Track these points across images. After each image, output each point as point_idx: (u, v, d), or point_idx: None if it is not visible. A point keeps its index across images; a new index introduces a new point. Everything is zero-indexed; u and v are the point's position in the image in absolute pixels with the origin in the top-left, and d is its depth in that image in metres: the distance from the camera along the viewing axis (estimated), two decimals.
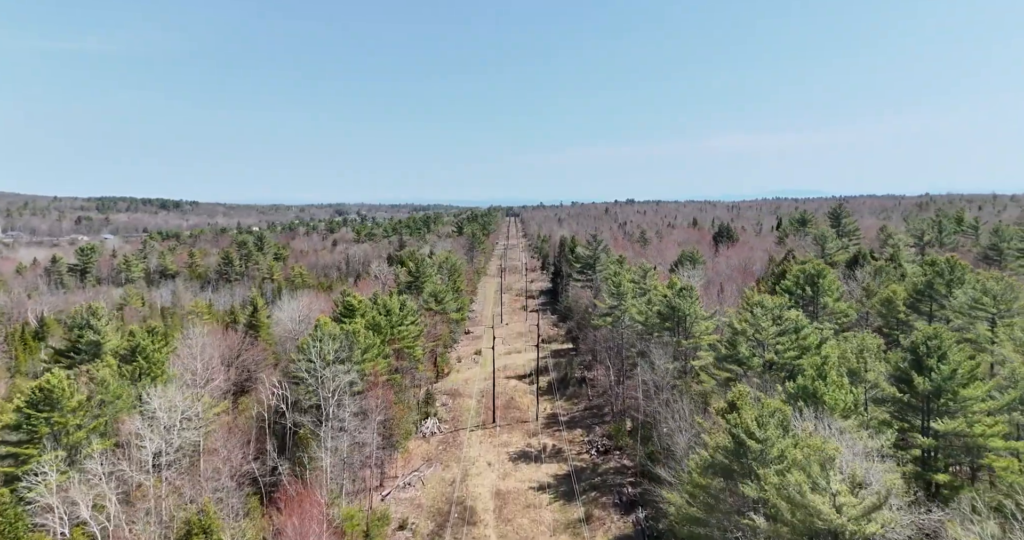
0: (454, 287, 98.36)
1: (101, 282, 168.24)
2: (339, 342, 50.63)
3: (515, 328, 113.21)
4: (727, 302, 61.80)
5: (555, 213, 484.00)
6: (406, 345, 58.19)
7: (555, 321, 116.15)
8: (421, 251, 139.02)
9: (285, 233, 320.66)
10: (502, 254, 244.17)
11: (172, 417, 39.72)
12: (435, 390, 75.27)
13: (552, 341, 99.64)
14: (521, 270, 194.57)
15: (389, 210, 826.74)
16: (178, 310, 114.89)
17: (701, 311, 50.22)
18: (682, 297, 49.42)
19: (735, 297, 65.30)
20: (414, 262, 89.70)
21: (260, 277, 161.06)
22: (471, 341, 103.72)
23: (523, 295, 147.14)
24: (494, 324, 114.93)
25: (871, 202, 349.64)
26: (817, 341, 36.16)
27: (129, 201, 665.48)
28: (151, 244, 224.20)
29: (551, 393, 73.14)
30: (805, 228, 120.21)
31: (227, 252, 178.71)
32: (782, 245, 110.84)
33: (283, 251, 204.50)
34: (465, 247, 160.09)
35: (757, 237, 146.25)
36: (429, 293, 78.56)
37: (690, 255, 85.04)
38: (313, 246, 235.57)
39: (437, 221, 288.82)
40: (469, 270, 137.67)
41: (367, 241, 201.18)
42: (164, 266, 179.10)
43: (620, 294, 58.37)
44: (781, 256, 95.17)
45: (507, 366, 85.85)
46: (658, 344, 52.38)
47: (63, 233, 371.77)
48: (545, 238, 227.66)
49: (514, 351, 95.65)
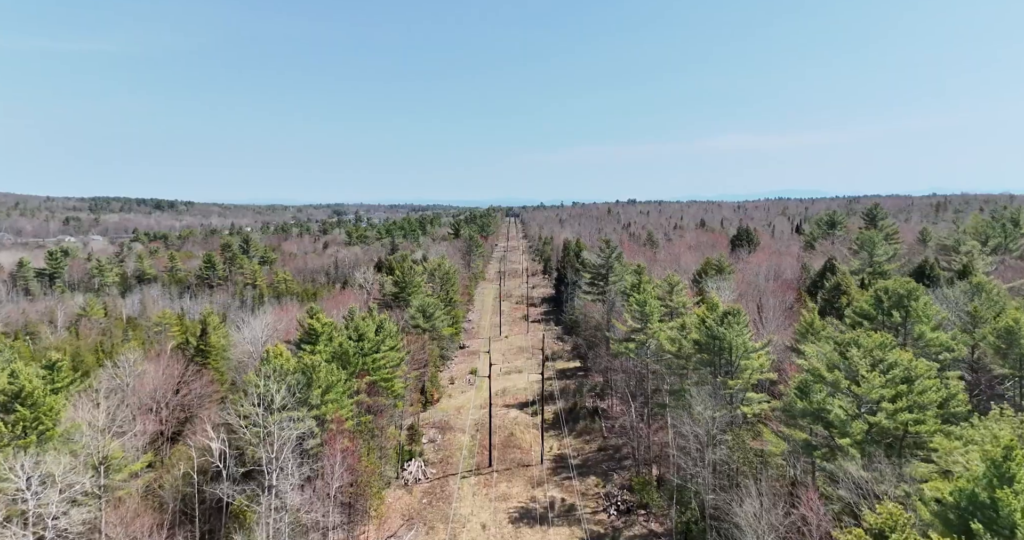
0: (447, 298, 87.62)
1: (74, 288, 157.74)
2: (294, 379, 40.02)
3: (515, 341, 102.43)
4: (771, 324, 51.09)
5: (556, 214, 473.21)
6: (382, 378, 47.47)
7: (559, 333, 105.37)
8: (414, 256, 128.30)
9: (277, 235, 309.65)
10: (502, 256, 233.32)
11: (48, 497, 29.05)
12: (421, 423, 64.48)
13: (557, 358, 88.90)
14: (522, 274, 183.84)
15: (388, 210, 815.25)
16: (143, 321, 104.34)
17: (750, 342, 39.47)
18: (727, 324, 38.69)
19: (779, 316, 54.55)
20: (401, 271, 78.96)
21: (242, 283, 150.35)
22: (466, 357, 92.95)
23: (524, 302, 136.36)
24: (491, 345, 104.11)
25: (883, 202, 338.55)
26: (941, 396, 25.61)
27: (123, 201, 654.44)
28: (131, 246, 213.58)
29: (558, 427, 62.32)
30: (834, 231, 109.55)
31: (210, 255, 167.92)
32: (811, 250, 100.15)
33: (271, 254, 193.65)
34: (462, 250, 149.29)
35: (778, 240, 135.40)
36: (417, 308, 67.82)
37: (716, 263, 74.13)
38: (304, 248, 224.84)
39: (434, 222, 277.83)
40: (465, 276, 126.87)
41: (359, 244, 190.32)
42: (142, 270, 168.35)
43: (645, 315, 47.64)
44: (814, 263, 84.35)
45: (506, 390, 75.08)
46: (695, 381, 41.63)
47: (50, 234, 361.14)
48: (547, 240, 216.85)
49: (514, 370, 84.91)
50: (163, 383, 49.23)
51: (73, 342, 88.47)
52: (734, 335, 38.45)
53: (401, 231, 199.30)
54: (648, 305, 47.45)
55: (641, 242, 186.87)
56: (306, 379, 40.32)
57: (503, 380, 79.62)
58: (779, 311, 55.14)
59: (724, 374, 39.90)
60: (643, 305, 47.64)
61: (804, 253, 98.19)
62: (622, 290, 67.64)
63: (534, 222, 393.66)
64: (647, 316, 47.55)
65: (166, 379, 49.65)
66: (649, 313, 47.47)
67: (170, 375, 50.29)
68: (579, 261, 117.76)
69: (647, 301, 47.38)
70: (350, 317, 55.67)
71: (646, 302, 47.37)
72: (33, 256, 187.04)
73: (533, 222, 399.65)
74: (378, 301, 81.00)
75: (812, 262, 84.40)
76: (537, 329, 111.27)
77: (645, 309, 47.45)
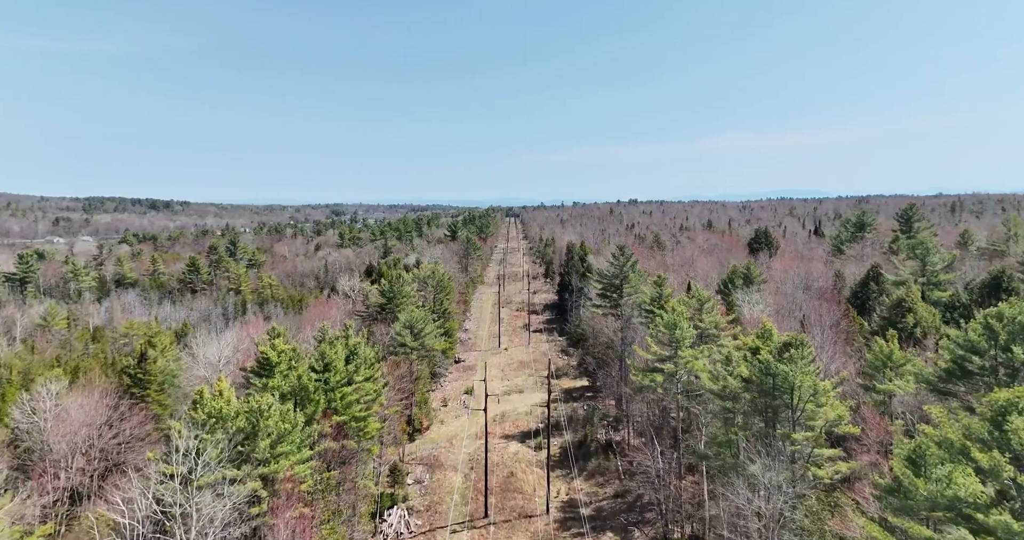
0: (440, 309, 78.85)
1: (50, 294, 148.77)
2: (236, 426, 31.39)
3: (516, 355, 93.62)
4: (824, 352, 42.28)
5: (557, 214, 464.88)
6: (353, 417, 38.73)
7: (564, 346, 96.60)
8: (406, 260, 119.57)
9: (271, 235, 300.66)
10: (501, 259, 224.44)
11: None
12: (407, 457, 55.72)
13: (562, 374, 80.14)
14: (522, 277, 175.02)
15: (387, 210, 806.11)
16: (108, 332, 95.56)
17: (820, 381, 30.72)
18: (789, 359, 29.98)
19: (829, 338, 45.76)
20: (389, 279, 70.24)
21: (225, 288, 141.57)
22: (461, 373, 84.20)
23: (525, 309, 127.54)
24: (490, 359, 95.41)
25: (892, 202, 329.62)
26: None
27: (117, 201, 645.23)
28: (113, 248, 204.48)
29: (565, 464, 53.48)
30: (864, 233, 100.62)
31: (193, 258, 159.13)
32: (840, 255, 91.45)
33: (260, 257, 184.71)
34: (459, 254, 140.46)
35: (794, 242, 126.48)
36: (403, 324, 59.04)
37: (744, 271, 65.19)
38: (296, 250, 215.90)
39: (431, 223, 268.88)
40: (461, 282, 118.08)
41: (352, 246, 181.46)
42: (122, 274, 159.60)
43: (674, 340, 38.86)
44: (848, 271, 75.52)
45: (506, 415, 66.32)
46: (744, 426, 32.93)
47: (39, 235, 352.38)
48: (548, 242, 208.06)
49: (515, 389, 76.19)
50: (90, 420, 40.46)
51: (25, 357, 79.63)
52: (798, 373, 29.69)
53: (396, 232, 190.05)
54: (679, 328, 38.68)
55: (647, 244, 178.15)
56: (251, 427, 31.63)
57: (502, 402, 70.94)
58: (829, 332, 46.35)
59: (785, 422, 31.13)
60: (672, 328, 38.87)
61: (833, 258, 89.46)
62: (639, 303, 58.90)
63: (534, 223, 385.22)
64: (677, 341, 38.78)
65: (94, 414, 40.87)
66: (679, 338, 38.69)
67: (101, 410, 41.51)
68: (584, 266, 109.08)
69: (677, 323, 38.61)
70: (321, 338, 46.99)
71: (676, 324, 38.60)
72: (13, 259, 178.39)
73: (533, 223, 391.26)
74: (362, 314, 72.25)
75: (843, 269, 75.68)
76: (539, 340, 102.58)
77: (675, 333, 38.69)
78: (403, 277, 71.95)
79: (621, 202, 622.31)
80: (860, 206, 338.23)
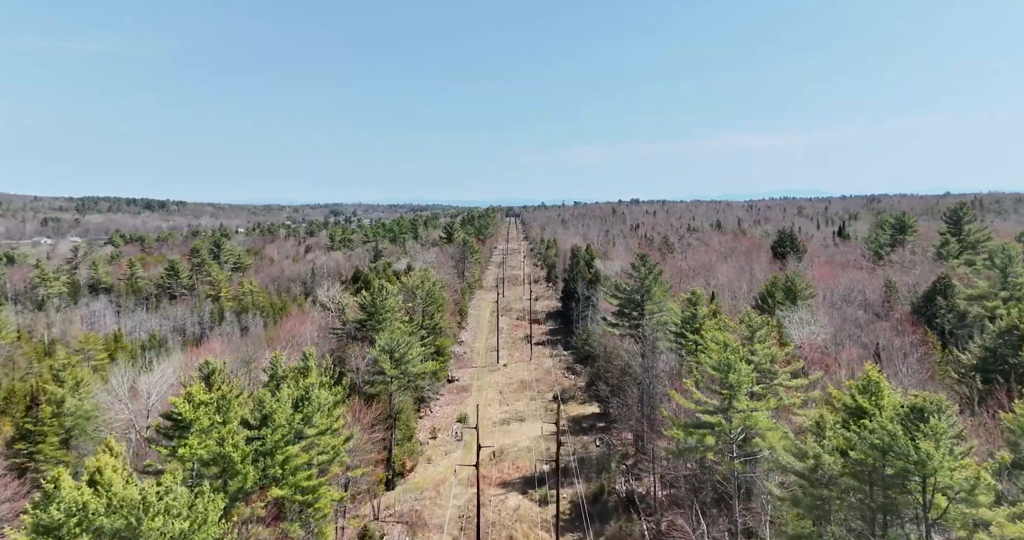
0: (431, 325, 69.04)
1: (18, 301, 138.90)
2: (112, 525, 21.71)
3: (516, 373, 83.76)
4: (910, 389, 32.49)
5: (558, 214, 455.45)
6: (298, 488, 28.91)
7: (570, 362, 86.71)
8: (397, 265, 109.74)
9: (264, 236, 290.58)
10: (501, 261, 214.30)
11: None
12: (384, 512, 45.83)
13: (569, 398, 70.27)
14: (523, 281, 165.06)
15: (387, 210, 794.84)
16: (62, 346, 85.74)
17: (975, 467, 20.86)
18: (922, 435, 20.19)
19: (915, 374, 35.89)
20: (370, 293, 60.44)
21: (204, 294, 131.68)
22: (454, 396, 74.35)
23: (526, 317, 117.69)
24: (487, 378, 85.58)
25: (905, 202, 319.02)
26: None
27: (112, 201, 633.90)
28: (101, 250, 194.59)
29: (577, 524, 43.56)
30: (905, 236, 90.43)
31: (173, 262, 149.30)
32: (881, 262, 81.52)
33: (246, 259, 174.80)
34: (455, 257, 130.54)
35: (816, 245, 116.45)
36: (382, 347, 49.14)
37: (786, 283, 54.96)
38: (286, 253, 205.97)
39: (428, 223, 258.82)
40: (457, 289, 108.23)
41: (342, 249, 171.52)
42: (97, 278, 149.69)
43: (729, 387, 28.96)
44: (900, 280, 65.60)
45: (504, 452, 56.44)
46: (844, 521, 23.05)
47: (26, 236, 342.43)
48: (550, 243, 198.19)
49: (515, 416, 66.38)
50: None
51: None
52: (939, 455, 19.84)
53: (390, 234, 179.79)
54: (734, 371, 28.79)
55: (656, 246, 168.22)
56: (131, 531, 21.81)
57: (500, 433, 61.16)
58: (915, 367, 36.41)
59: (911, 523, 21.24)
60: (725, 370, 29.02)
61: (875, 265, 79.58)
62: (663, 323, 48.99)
63: (535, 223, 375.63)
64: (733, 388, 28.94)
65: None
66: (735, 383, 28.83)
67: None
68: (591, 272, 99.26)
69: (732, 364, 28.72)
70: (272, 372, 37.04)
71: (731, 366, 28.72)
72: None
73: (534, 223, 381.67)
74: (338, 331, 62.39)
75: (892, 278, 65.78)
76: (541, 354, 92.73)
77: (730, 377, 28.83)
78: (387, 289, 62.00)
79: (623, 202, 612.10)
80: (871, 206, 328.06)
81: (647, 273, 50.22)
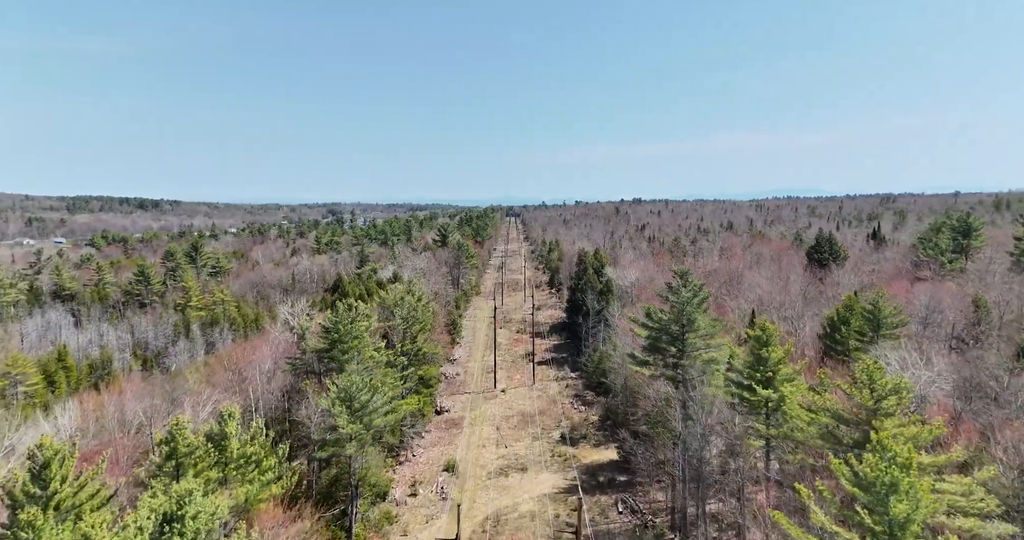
0: (413, 351, 57.05)
1: None
2: None
3: (516, 401, 71.76)
4: None
5: (559, 213, 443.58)
6: None
7: (579, 388, 74.68)
8: (383, 272, 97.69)
9: (253, 237, 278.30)
10: (501, 264, 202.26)
11: None
12: None
13: (579, 439, 58.35)
14: (524, 287, 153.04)
15: (386, 210, 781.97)
16: None
17: None
18: None
19: None
20: (335, 313, 48.47)
21: (173, 303, 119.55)
22: (443, 432, 62.37)
23: (527, 330, 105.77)
24: (483, 408, 73.75)
25: (922, 202, 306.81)
26: None
27: (104, 200, 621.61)
28: (63, 252, 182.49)
29: None
30: (969, 241, 78.14)
31: (142, 266, 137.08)
32: (944, 272, 69.45)
33: (226, 263, 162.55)
34: (450, 262, 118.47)
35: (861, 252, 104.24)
36: (336, 397, 37.10)
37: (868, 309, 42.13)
38: (271, 255, 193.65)
39: (425, 224, 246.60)
40: (451, 299, 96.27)
41: (329, 251, 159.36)
42: (60, 285, 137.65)
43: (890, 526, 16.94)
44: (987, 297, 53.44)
45: (501, 518, 44.49)
46: None
47: (8, 236, 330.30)
48: (552, 245, 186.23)
49: (515, 464, 54.39)
50: None
51: None
52: None
53: (381, 235, 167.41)
54: (901, 497, 16.70)
55: (666, 249, 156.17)
56: None
57: (495, 489, 49.31)
58: None
59: None
60: (884, 492, 16.93)
61: (936, 276, 67.66)
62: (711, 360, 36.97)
63: (536, 223, 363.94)
64: (895, 526, 16.89)
65: None
66: (902, 519, 16.80)
67: None
68: (602, 282, 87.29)
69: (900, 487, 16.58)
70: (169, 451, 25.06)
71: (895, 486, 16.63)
72: None
73: (535, 223, 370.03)
74: (294, 361, 50.23)
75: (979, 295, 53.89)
76: (546, 375, 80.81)
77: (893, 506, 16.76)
78: (356, 308, 49.94)
79: (625, 201, 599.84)
80: (887, 206, 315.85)
81: (690, 297, 37.93)
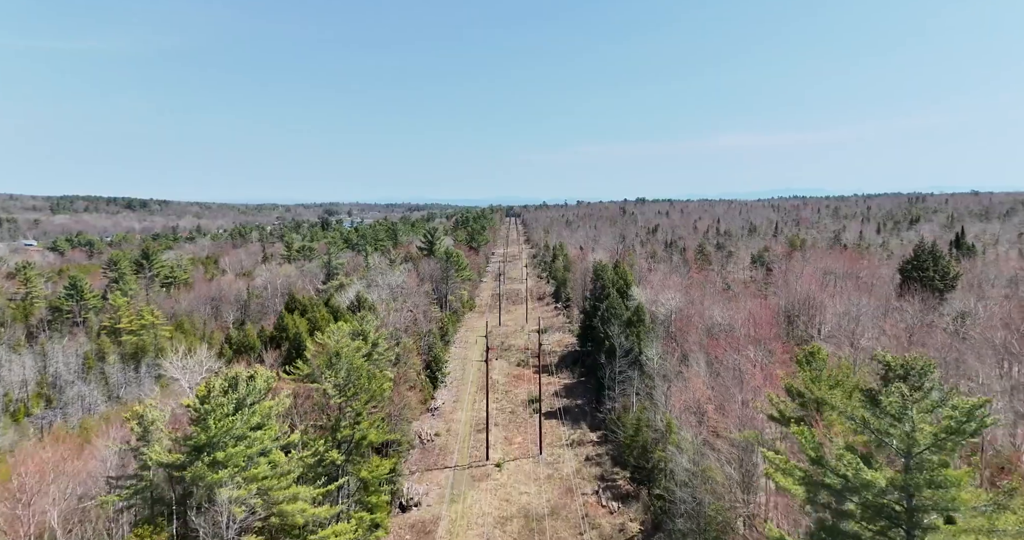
0: (355, 440, 36.15)
1: None
2: None
3: (516, 487, 50.46)
4: None
5: (562, 214, 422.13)
6: None
7: (605, 464, 53.45)
8: (343, 295, 76.70)
9: (231, 240, 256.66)
10: (499, 270, 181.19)
11: None
12: None
13: None
14: (525, 298, 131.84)
15: (384, 210, 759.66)
16: None
17: None
18: None
19: None
20: (201, 400, 27.29)
21: (99, 326, 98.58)
22: (419, 518, 41.31)
23: (528, 362, 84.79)
24: (463, 511, 52.46)
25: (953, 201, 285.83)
26: None
27: (90, 200, 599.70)
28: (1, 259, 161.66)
29: None
30: None
31: (74, 277, 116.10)
32: None
33: (181, 273, 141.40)
34: (436, 276, 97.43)
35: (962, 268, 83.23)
36: None
37: None
38: (240, 263, 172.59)
39: (418, 226, 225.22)
40: (436, 320, 75.21)
41: (300, 259, 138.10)
42: None
43: None
44: None
45: None
46: None
47: None
48: (556, 250, 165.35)
49: None
50: None
51: None
52: None
53: (363, 240, 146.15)
54: None
55: (677, 250, 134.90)
56: None
57: None
58: None
59: None
60: None
61: None
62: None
63: (537, 224, 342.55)
64: None
65: None
66: None
67: None
68: (628, 308, 66.23)
69: None
70: None
71: None
72: None
73: (536, 224, 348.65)
74: (129, 487, 29.18)
75: None
76: (555, 432, 59.68)
77: None
78: (240, 386, 29.08)
79: (628, 201, 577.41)
80: (911, 205, 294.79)
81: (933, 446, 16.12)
